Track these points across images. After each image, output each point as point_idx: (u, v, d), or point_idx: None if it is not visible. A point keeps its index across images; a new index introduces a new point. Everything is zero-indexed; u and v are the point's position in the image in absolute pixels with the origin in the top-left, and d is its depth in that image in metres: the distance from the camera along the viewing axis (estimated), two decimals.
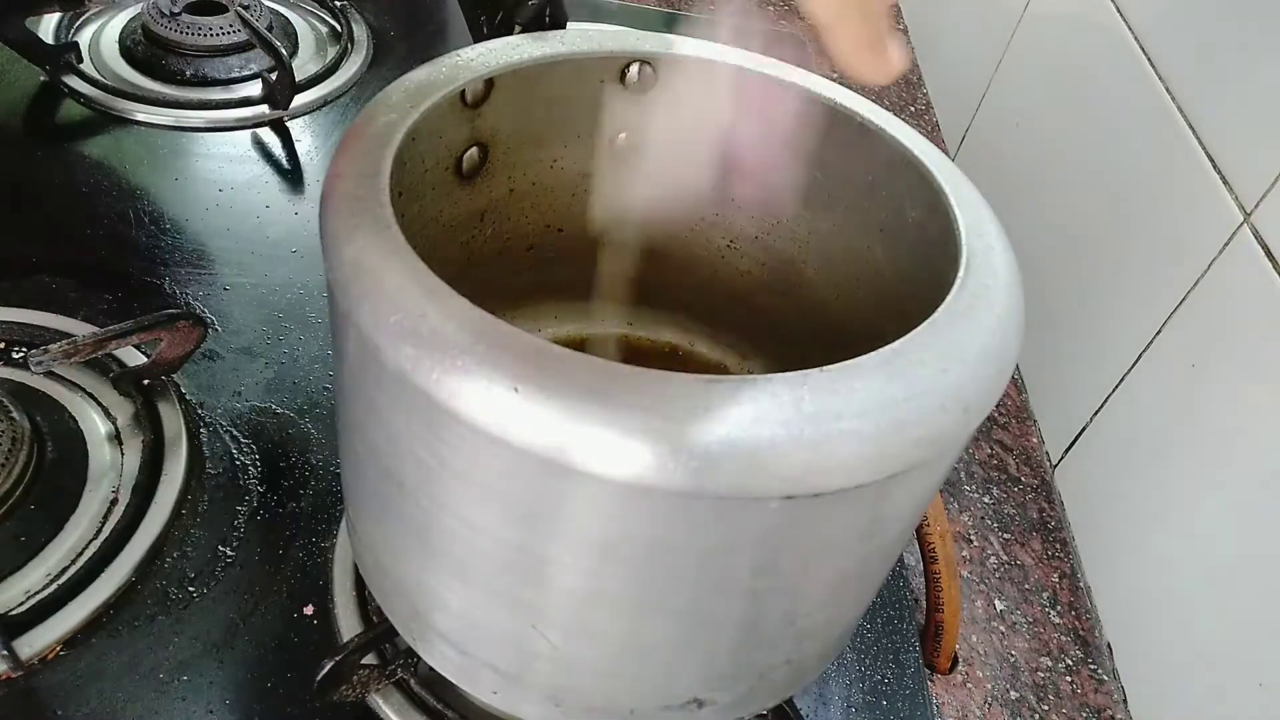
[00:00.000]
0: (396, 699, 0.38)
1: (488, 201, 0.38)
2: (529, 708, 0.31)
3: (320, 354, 0.52)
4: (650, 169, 0.39)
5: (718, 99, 0.37)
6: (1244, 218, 0.44)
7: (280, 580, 0.42)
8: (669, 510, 0.23)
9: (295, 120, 0.68)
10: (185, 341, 0.47)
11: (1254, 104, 0.45)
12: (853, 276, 0.37)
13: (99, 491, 0.43)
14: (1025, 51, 0.71)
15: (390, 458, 0.27)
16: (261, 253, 0.58)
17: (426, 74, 0.32)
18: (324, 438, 0.48)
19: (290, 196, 0.62)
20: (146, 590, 0.41)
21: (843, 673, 0.43)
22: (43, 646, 0.38)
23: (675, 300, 0.44)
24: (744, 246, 0.41)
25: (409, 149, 0.30)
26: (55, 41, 0.69)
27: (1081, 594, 0.51)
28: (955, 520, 0.53)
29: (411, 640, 0.32)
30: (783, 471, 0.22)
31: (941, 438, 0.24)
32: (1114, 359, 0.52)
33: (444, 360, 0.22)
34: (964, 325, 0.25)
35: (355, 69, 0.74)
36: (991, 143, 0.74)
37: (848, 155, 0.35)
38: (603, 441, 0.22)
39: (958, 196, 0.30)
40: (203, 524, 0.44)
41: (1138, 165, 0.53)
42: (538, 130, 0.37)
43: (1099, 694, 0.47)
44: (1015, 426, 0.60)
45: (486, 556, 0.26)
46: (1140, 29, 0.55)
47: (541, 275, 0.42)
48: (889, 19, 0.25)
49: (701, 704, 0.30)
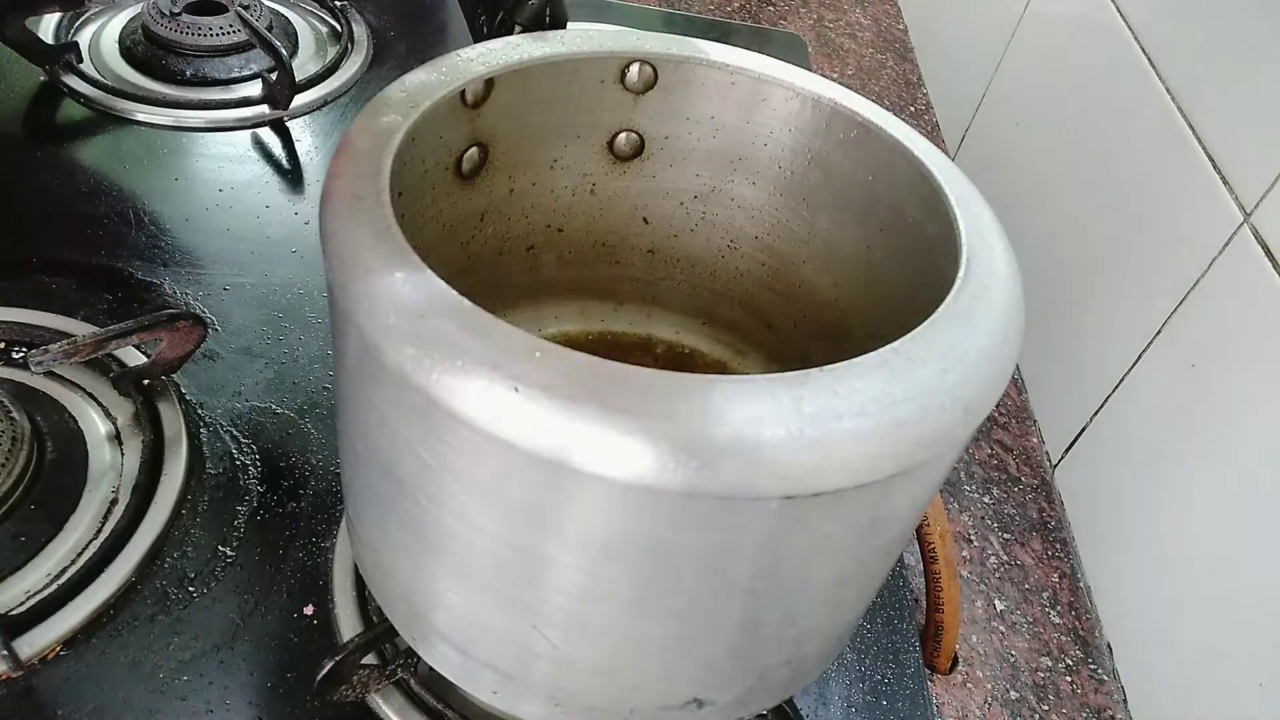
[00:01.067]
0: (396, 699, 0.38)
1: (488, 201, 0.38)
2: (529, 707, 0.31)
3: (320, 354, 0.52)
4: (651, 169, 0.40)
5: (717, 99, 0.37)
6: (1244, 218, 0.44)
7: (280, 580, 0.42)
8: (669, 510, 0.23)
9: (295, 120, 0.68)
10: (185, 341, 0.47)
11: (1254, 104, 0.45)
12: (853, 276, 0.37)
13: (99, 491, 0.43)
14: (1025, 51, 0.71)
15: (390, 457, 0.27)
16: (261, 253, 0.58)
17: (426, 74, 0.32)
18: (324, 438, 0.48)
19: (290, 196, 0.62)
20: (146, 590, 0.41)
21: (843, 673, 0.43)
22: (43, 646, 0.38)
23: (675, 300, 0.44)
24: (744, 246, 0.41)
25: (409, 149, 0.30)
26: (55, 41, 0.69)
27: (1081, 594, 0.51)
28: (955, 520, 0.53)
29: (411, 640, 0.32)
30: (783, 471, 0.22)
31: (941, 438, 0.24)
32: (1114, 359, 0.52)
33: (444, 360, 0.22)
34: (964, 325, 0.25)
35: (355, 69, 0.74)
36: (991, 143, 0.74)
37: (848, 155, 0.35)
38: (603, 441, 0.22)
39: (958, 196, 0.30)
40: (203, 524, 0.44)
41: (1138, 165, 0.53)
42: (538, 130, 0.37)
43: (1099, 694, 0.47)
44: (1015, 426, 0.60)
45: (486, 556, 0.26)
46: (1140, 29, 0.55)
47: (541, 275, 0.42)
48: None
49: (701, 704, 0.30)
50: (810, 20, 0.95)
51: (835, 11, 0.98)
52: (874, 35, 0.96)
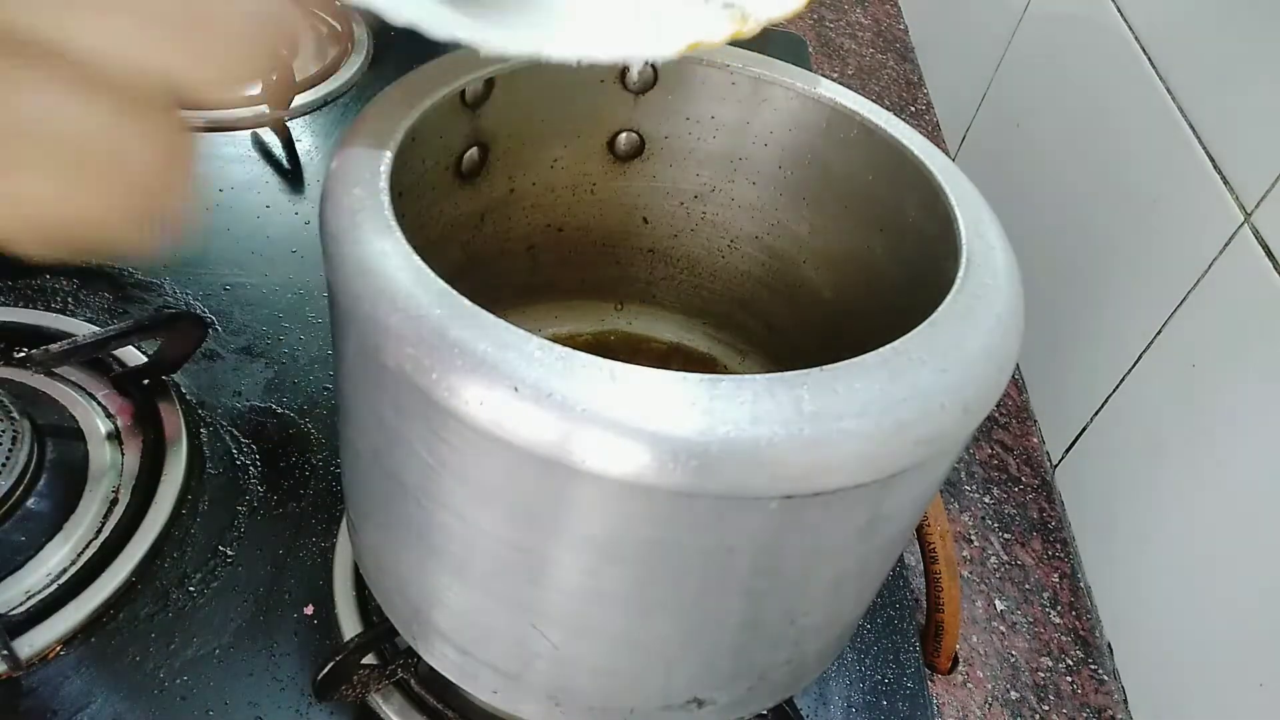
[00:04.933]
0: (396, 699, 0.38)
1: (488, 201, 0.38)
2: (529, 707, 0.31)
3: (320, 354, 0.52)
4: (651, 169, 0.40)
5: (717, 99, 0.37)
6: (1244, 218, 0.44)
7: (280, 580, 0.42)
8: (669, 510, 0.23)
9: (295, 120, 0.68)
10: (185, 341, 0.47)
11: (1254, 104, 0.45)
12: (853, 276, 0.37)
13: (99, 491, 0.43)
14: (1025, 51, 0.71)
15: (390, 458, 0.27)
16: (261, 253, 0.58)
17: (426, 74, 0.32)
18: (324, 438, 0.48)
19: (290, 196, 0.62)
20: (146, 590, 0.41)
21: (843, 673, 0.43)
22: (43, 646, 0.38)
23: (675, 300, 0.44)
24: (744, 246, 0.41)
25: (409, 149, 0.30)
26: None
27: (1081, 594, 0.51)
28: (955, 520, 0.53)
29: (411, 640, 0.32)
30: (783, 471, 0.22)
31: (941, 438, 0.24)
32: (1114, 359, 0.52)
33: (444, 360, 0.22)
34: (964, 325, 0.25)
35: (355, 69, 0.74)
36: (991, 143, 0.74)
37: (848, 155, 0.35)
38: (603, 441, 0.22)
39: (958, 196, 0.30)
40: (203, 524, 0.44)
41: (1138, 165, 0.53)
42: (538, 130, 0.37)
43: (1099, 694, 0.47)
44: (1015, 426, 0.60)
45: (486, 556, 0.26)
46: (1141, 29, 0.55)
47: (541, 275, 0.42)
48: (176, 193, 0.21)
49: (701, 704, 0.30)
50: (810, 20, 0.95)
51: (835, 11, 0.98)
52: (874, 35, 0.96)
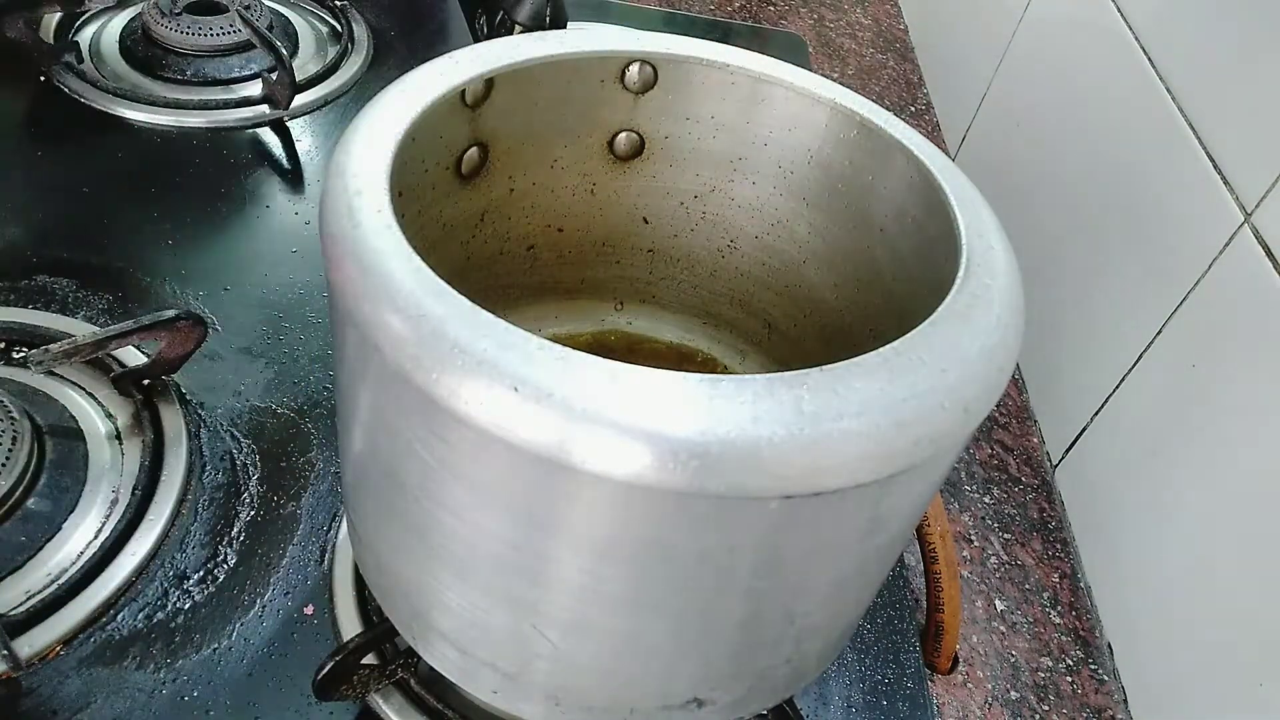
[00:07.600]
0: (396, 699, 0.38)
1: (488, 201, 0.38)
2: (529, 707, 0.31)
3: (320, 354, 0.52)
4: (651, 169, 0.40)
5: (717, 99, 0.37)
6: (1244, 218, 0.44)
7: (280, 580, 0.42)
8: (669, 510, 0.23)
9: (295, 120, 0.68)
10: (185, 341, 0.47)
11: (1254, 104, 0.45)
12: (853, 276, 0.37)
13: (99, 491, 0.43)
14: (1025, 51, 0.71)
15: (390, 458, 0.27)
16: (261, 253, 0.58)
17: (426, 74, 0.32)
18: (324, 438, 0.48)
19: (290, 196, 0.62)
20: (146, 590, 0.41)
21: (843, 673, 0.43)
22: (43, 646, 0.38)
23: (675, 300, 0.44)
24: (744, 246, 0.41)
25: (409, 149, 0.30)
26: (55, 41, 0.69)
27: (1081, 594, 0.51)
28: (955, 520, 0.53)
29: (411, 640, 0.32)
30: (783, 471, 0.22)
31: (941, 438, 0.24)
32: (1114, 359, 0.52)
33: (444, 360, 0.22)
34: (964, 325, 0.25)
35: (355, 69, 0.74)
36: (991, 143, 0.74)
37: (848, 155, 0.35)
38: (603, 441, 0.22)
39: (958, 196, 0.30)
40: (203, 524, 0.44)
41: (1138, 165, 0.53)
42: (538, 130, 0.37)
43: (1099, 694, 0.47)
44: (1015, 426, 0.60)
45: (486, 556, 0.26)
46: (1141, 29, 0.55)
47: (541, 275, 0.42)
48: None
49: (701, 704, 0.30)
50: (810, 20, 0.95)
51: (835, 11, 0.98)
52: (874, 35, 0.96)
